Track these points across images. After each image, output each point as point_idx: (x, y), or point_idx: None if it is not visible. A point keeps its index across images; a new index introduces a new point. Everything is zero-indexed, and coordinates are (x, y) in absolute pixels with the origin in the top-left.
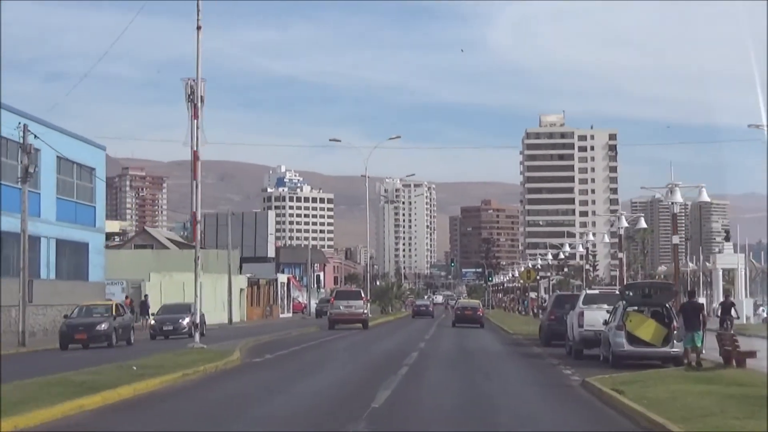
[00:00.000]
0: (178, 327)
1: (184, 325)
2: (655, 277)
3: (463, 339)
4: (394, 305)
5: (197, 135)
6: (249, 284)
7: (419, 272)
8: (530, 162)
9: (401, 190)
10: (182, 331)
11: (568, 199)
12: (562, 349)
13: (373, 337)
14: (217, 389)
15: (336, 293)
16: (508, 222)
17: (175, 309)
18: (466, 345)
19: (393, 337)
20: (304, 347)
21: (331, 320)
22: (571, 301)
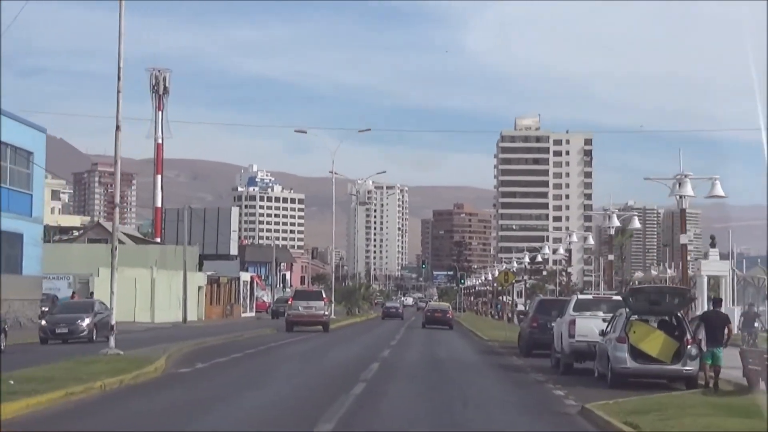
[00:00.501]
0: (75, 329)
1: (83, 327)
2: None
3: (434, 346)
4: (361, 307)
5: (162, 127)
6: (209, 282)
7: (390, 274)
8: (504, 165)
9: (373, 192)
10: (80, 335)
11: (541, 203)
12: (546, 361)
13: (332, 341)
14: (96, 416)
15: (295, 293)
16: (481, 226)
17: (74, 307)
18: (436, 353)
19: (355, 343)
20: (249, 353)
21: (288, 322)
22: (557, 306)
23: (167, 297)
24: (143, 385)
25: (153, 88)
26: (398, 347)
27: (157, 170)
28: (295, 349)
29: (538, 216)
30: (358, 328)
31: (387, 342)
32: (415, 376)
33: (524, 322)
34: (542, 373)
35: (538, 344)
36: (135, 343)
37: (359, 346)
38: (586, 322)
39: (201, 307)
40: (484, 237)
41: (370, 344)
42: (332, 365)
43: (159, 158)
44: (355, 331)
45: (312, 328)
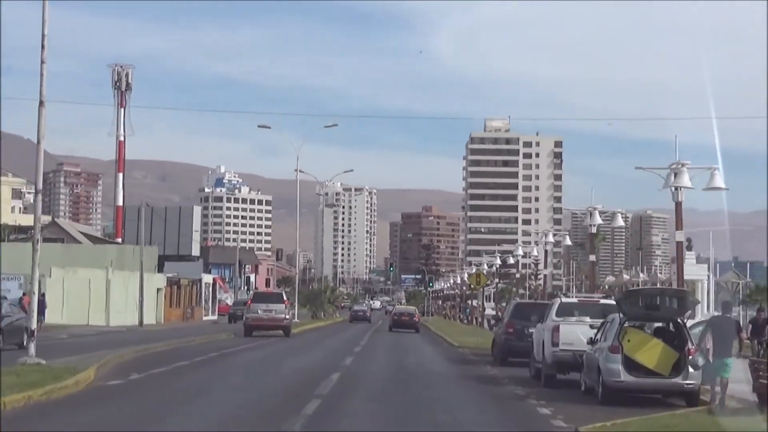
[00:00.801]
0: None
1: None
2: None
3: (401, 353)
4: (326, 310)
5: (124, 124)
6: (169, 284)
7: (358, 277)
8: (474, 167)
9: (341, 193)
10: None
11: (511, 206)
12: (523, 370)
13: (292, 347)
14: None
15: (253, 295)
16: (449, 229)
17: None
18: (403, 362)
19: (317, 349)
20: (197, 361)
21: (247, 326)
22: (536, 311)
23: (124, 299)
24: (55, 404)
25: (115, 84)
26: (363, 354)
27: (119, 168)
28: (249, 356)
29: (507, 219)
30: (323, 332)
31: (351, 348)
32: (379, 392)
33: (498, 327)
34: (522, 386)
35: (514, 352)
36: (71, 349)
37: (320, 353)
38: (571, 328)
39: (160, 310)
40: (452, 240)
41: (332, 351)
42: (286, 376)
43: (121, 156)
44: (318, 335)
45: (272, 333)
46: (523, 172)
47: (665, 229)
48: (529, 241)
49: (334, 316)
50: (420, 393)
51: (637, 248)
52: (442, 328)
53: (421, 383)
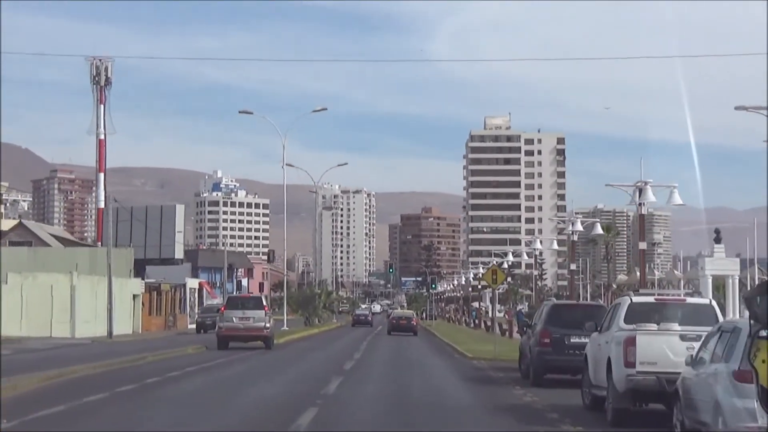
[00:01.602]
0: None
1: None
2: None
3: (404, 371)
4: (321, 316)
5: (104, 121)
6: (148, 290)
7: (357, 281)
8: (474, 166)
9: (339, 196)
10: None
11: (513, 205)
12: (567, 394)
13: (268, 365)
14: None
15: (227, 300)
16: (450, 230)
17: None
18: (407, 387)
19: (298, 366)
20: (124, 391)
21: (220, 337)
22: (578, 314)
23: (92, 307)
24: None
25: (93, 79)
26: (355, 373)
27: (99, 168)
28: (205, 380)
29: (509, 218)
30: (313, 341)
31: (342, 363)
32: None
33: (529, 336)
34: (580, 423)
35: (550, 367)
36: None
37: (301, 373)
38: (653, 340)
39: (137, 319)
40: (453, 242)
41: (317, 368)
42: (241, 415)
43: (101, 155)
44: (307, 346)
45: (251, 345)
46: (525, 170)
47: (667, 227)
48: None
49: (330, 322)
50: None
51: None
52: (449, 334)
53: (435, 423)
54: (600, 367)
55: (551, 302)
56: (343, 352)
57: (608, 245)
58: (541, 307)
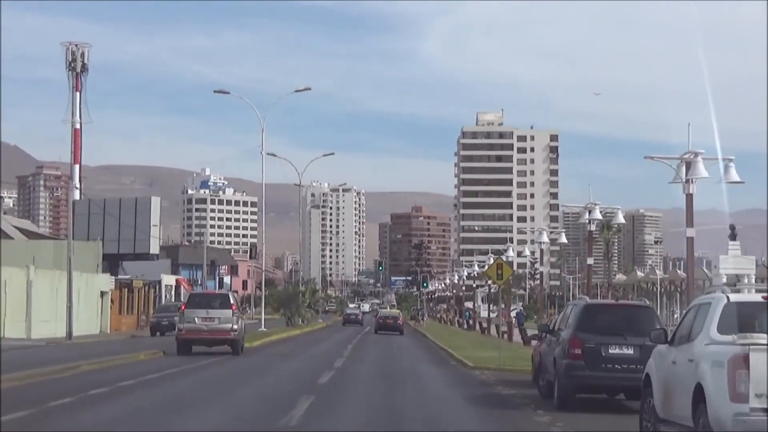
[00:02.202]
0: None
1: None
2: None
3: (395, 386)
4: (304, 315)
5: (80, 110)
6: (119, 287)
7: (347, 280)
8: (466, 163)
9: (329, 194)
10: None
11: (505, 203)
12: (604, 419)
13: (228, 378)
14: None
15: (189, 298)
16: (440, 230)
17: None
18: (399, 415)
19: (263, 381)
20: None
21: (179, 340)
22: (625, 318)
23: (52, 305)
24: None
25: (69, 65)
26: (330, 393)
27: (74, 159)
28: (125, 404)
29: (501, 216)
30: (292, 345)
31: (317, 376)
32: None
33: (551, 344)
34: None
35: (583, 386)
36: None
37: (263, 390)
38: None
39: (105, 318)
40: (443, 241)
41: (285, 383)
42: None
43: (77, 146)
44: (283, 350)
45: (217, 350)
46: (517, 168)
47: (658, 228)
48: (524, 240)
49: (315, 323)
50: None
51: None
52: (443, 337)
53: None
54: (678, 397)
55: (583, 301)
56: (323, 359)
57: (608, 243)
58: (566, 308)
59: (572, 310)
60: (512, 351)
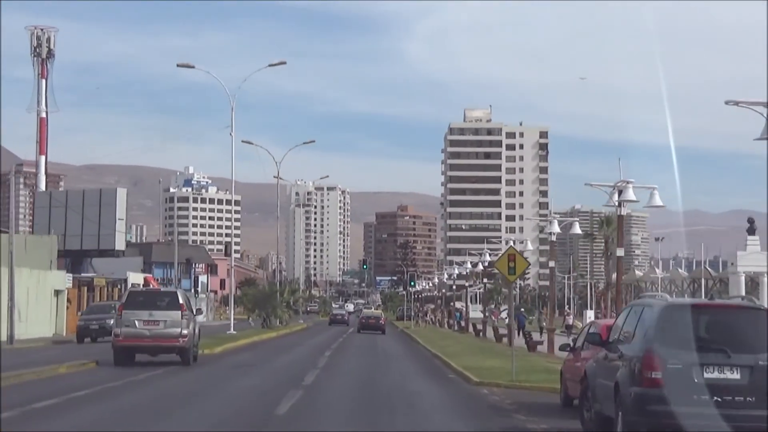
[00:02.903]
0: None
1: None
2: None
3: (379, 413)
4: (282, 316)
5: (46, 98)
6: (78, 285)
7: (331, 280)
8: (453, 160)
9: (313, 193)
10: None
11: (493, 201)
12: None
13: (154, 405)
14: None
15: (127, 296)
16: (426, 229)
17: None
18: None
19: (201, 409)
20: None
21: (116, 348)
22: (726, 326)
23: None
24: None
25: (34, 50)
26: (293, 427)
27: (40, 149)
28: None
29: (489, 215)
30: (261, 351)
31: (277, 400)
32: None
33: (606, 361)
34: None
35: (664, 426)
36: None
37: (193, 424)
38: None
39: (61, 319)
40: (429, 241)
41: (232, 411)
42: None
43: (42, 135)
44: (246, 360)
45: (163, 360)
46: (506, 165)
47: (644, 229)
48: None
49: (295, 324)
50: None
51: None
52: (435, 341)
53: None
54: None
55: (662, 301)
56: (292, 371)
57: (607, 240)
58: (629, 310)
59: (644, 313)
60: (520, 360)
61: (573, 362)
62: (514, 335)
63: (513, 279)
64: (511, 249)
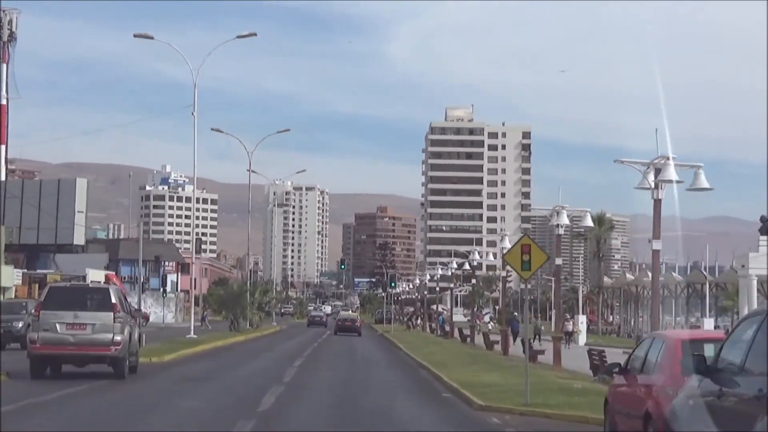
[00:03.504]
0: None
1: None
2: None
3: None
4: (252, 318)
5: (6, 84)
6: (28, 282)
7: (309, 281)
8: (434, 160)
9: (292, 193)
10: None
11: (475, 202)
12: None
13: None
14: None
15: (48, 294)
16: (405, 231)
17: None
18: None
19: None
20: None
21: (34, 358)
22: None
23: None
24: None
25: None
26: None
27: (0, 139)
28: None
29: (471, 216)
30: (225, 357)
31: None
32: None
33: (709, 398)
34: None
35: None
36: None
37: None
38: None
39: None
40: (408, 242)
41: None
42: None
43: (2, 123)
44: (203, 369)
45: (97, 369)
46: (488, 166)
47: (624, 233)
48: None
49: (267, 326)
50: None
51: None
52: (420, 348)
53: None
54: None
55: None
56: (250, 389)
57: (599, 241)
58: (746, 321)
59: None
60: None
61: (626, 390)
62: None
63: (528, 276)
64: (526, 238)
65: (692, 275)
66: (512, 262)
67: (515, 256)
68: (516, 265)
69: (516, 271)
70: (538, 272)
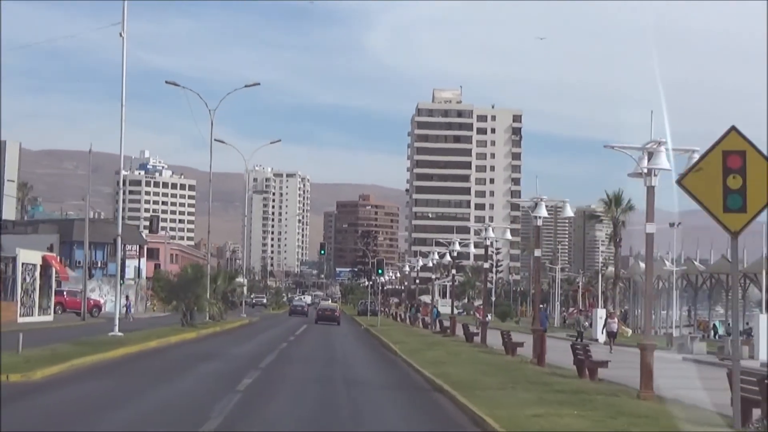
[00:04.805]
0: None
1: None
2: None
3: None
4: (212, 310)
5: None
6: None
7: (289, 270)
8: (420, 143)
9: (272, 180)
10: None
11: (462, 188)
12: None
13: None
14: None
15: None
16: (388, 220)
17: None
18: None
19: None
20: None
21: None
22: None
23: None
24: None
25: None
26: None
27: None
28: None
29: (458, 203)
30: (142, 369)
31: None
32: None
33: None
34: None
35: None
36: None
37: None
38: None
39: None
40: (391, 232)
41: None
42: None
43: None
44: (85, 395)
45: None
46: (477, 150)
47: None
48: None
49: (234, 319)
50: None
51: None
52: (417, 350)
53: None
54: None
55: None
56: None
57: (617, 224)
58: None
59: None
60: (575, 393)
61: None
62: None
63: (739, 226)
64: (735, 137)
65: (717, 265)
66: (703, 193)
67: (710, 178)
68: (713, 202)
69: (715, 215)
70: (539, 260)
